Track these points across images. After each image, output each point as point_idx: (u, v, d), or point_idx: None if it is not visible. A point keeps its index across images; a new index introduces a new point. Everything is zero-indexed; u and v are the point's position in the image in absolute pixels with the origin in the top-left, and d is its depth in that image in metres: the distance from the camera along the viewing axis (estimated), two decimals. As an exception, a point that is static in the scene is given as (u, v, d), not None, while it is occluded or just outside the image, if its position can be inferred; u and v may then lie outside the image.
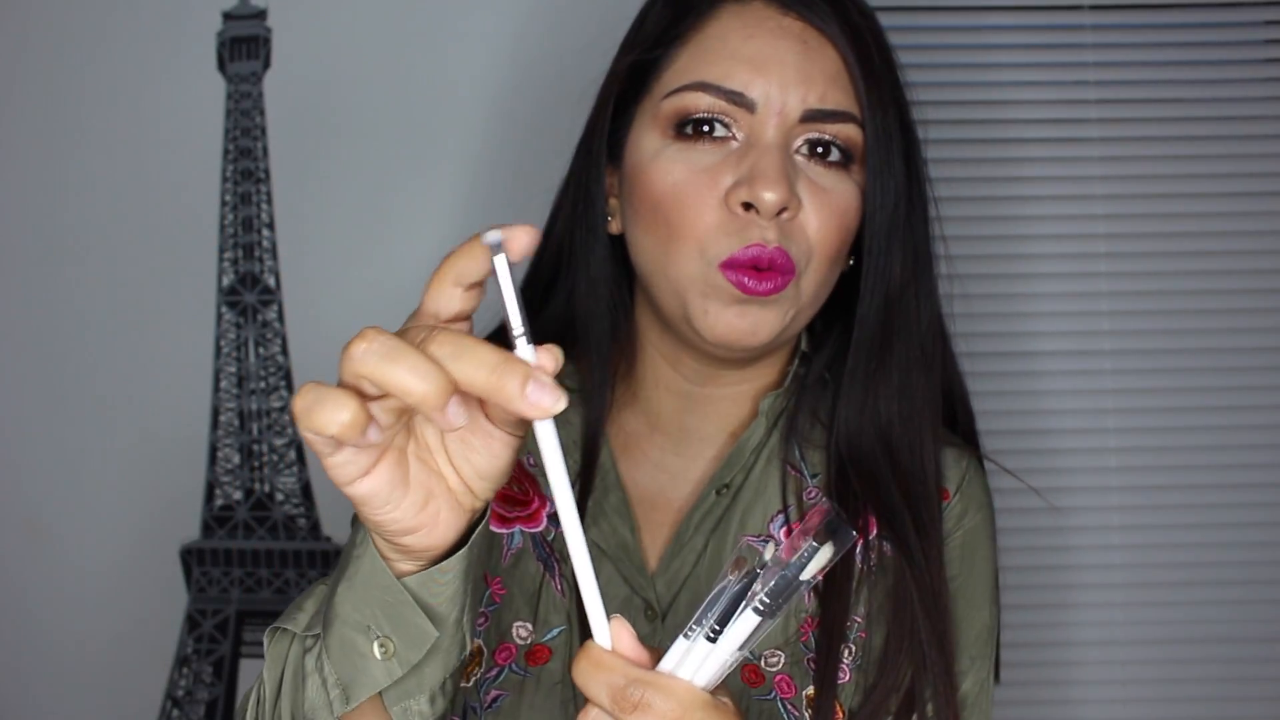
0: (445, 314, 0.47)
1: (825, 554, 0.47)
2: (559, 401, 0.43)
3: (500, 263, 0.44)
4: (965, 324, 0.85)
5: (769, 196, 0.67)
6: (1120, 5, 1.27)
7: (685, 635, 0.49)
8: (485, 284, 0.47)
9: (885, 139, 0.71)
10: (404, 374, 0.42)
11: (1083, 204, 1.28)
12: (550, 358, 0.45)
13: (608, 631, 0.49)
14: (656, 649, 0.50)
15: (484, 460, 0.49)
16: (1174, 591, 1.29)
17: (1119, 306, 1.28)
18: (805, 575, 0.47)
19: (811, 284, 0.71)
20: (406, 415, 0.47)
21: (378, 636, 0.52)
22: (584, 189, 0.77)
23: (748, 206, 0.68)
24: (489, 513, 0.53)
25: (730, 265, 0.69)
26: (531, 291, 0.83)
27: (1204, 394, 1.28)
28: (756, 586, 0.47)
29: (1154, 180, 1.28)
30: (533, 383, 0.42)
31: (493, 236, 0.44)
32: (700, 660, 0.48)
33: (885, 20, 0.77)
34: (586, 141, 0.78)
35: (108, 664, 1.24)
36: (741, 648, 0.48)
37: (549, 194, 0.85)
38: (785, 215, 0.68)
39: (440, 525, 0.49)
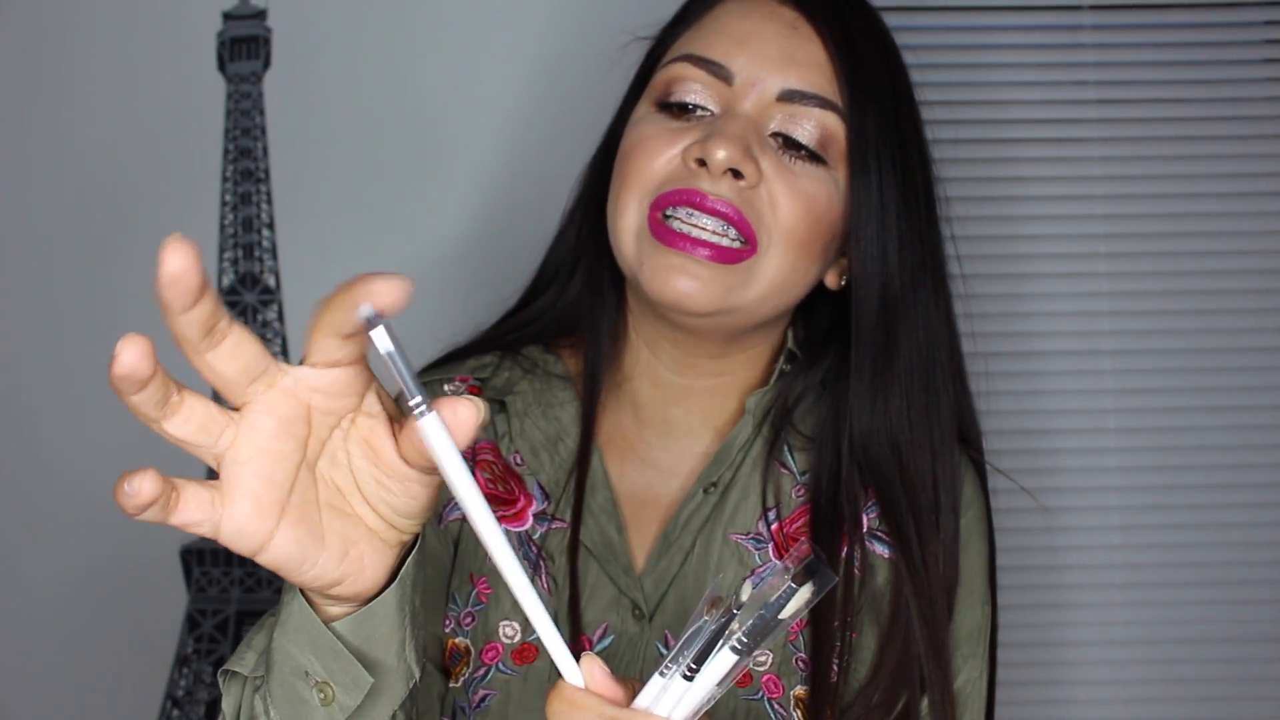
0: (323, 364, 0.43)
1: (804, 595, 0.46)
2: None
3: (379, 335, 0.40)
4: (965, 324, 0.85)
5: (720, 153, 0.67)
6: (1120, 5, 1.27)
7: (661, 673, 0.48)
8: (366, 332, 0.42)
9: (867, 135, 0.71)
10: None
11: (1083, 204, 1.28)
12: (472, 409, 0.42)
13: (578, 670, 0.48)
14: (630, 682, 0.49)
15: (402, 501, 0.46)
16: (1174, 591, 1.29)
17: (1119, 306, 1.28)
18: (784, 615, 0.46)
19: (774, 267, 0.70)
20: (302, 468, 0.45)
21: (315, 682, 0.50)
22: (597, 170, 0.80)
23: (701, 164, 0.69)
24: (419, 542, 0.50)
25: (656, 205, 0.69)
26: (544, 272, 0.84)
27: (1204, 394, 1.28)
28: (734, 626, 0.47)
29: (1154, 180, 1.28)
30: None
31: (365, 310, 0.40)
32: (677, 698, 0.48)
33: (885, 20, 0.77)
34: (610, 127, 0.81)
35: (108, 664, 1.24)
36: (719, 685, 0.48)
37: (549, 191, 0.85)
38: (744, 183, 0.68)
39: (366, 570, 0.47)
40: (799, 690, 0.72)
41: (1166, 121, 1.28)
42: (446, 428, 0.41)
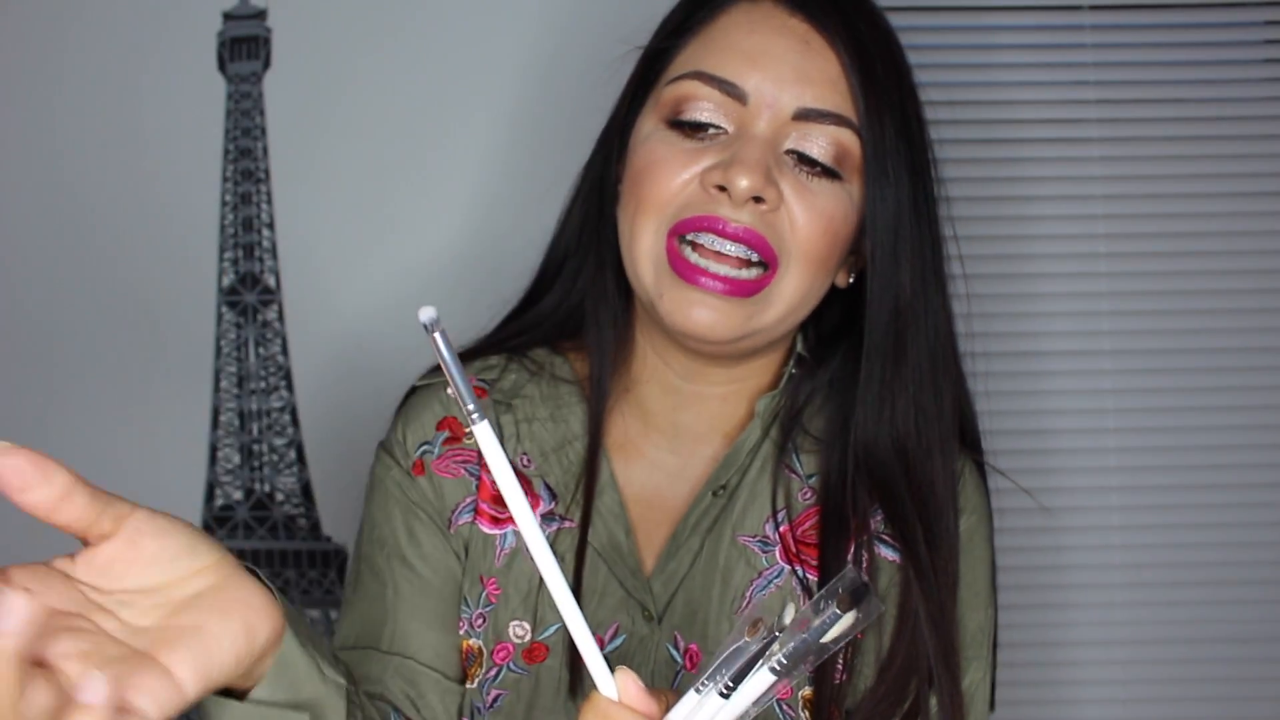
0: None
1: (848, 620, 0.46)
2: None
3: (440, 340, 0.41)
4: (966, 324, 0.85)
5: (743, 182, 0.67)
6: (1120, 5, 1.27)
7: (696, 690, 0.48)
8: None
9: (884, 148, 0.71)
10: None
11: (1083, 204, 1.28)
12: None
13: (613, 683, 0.48)
14: (663, 694, 0.49)
15: (154, 548, 0.44)
16: (1174, 591, 1.29)
17: (1119, 306, 1.28)
18: (826, 639, 0.46)
19: (793, 287, 0.71)
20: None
21: None
22: (596, 174, 0.79)
23: (721, 190, 0.68)
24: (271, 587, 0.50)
25: (675, 231, 0.69)
26: (543, 275, 0.84)
27: (1204, 394, 1.28)
28: (775, 647, 0.46)
29: (1154, 180, 1.28)
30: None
31: (427, 314, 0.41)
32: (712, 714, 0.48)
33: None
34: (607, 126, 0.80)
35: (108, 664, 1.24)
36: (755, 703, 0.48)
37: (548, 192, 0.85)
38: (764, 207, 0.68)
39: (256, 636, 0.46)
40: (806, 691, 0.72)
41: (1166, 121, 1.28)
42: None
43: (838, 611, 0.45)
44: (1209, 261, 1.28)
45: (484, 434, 0.43)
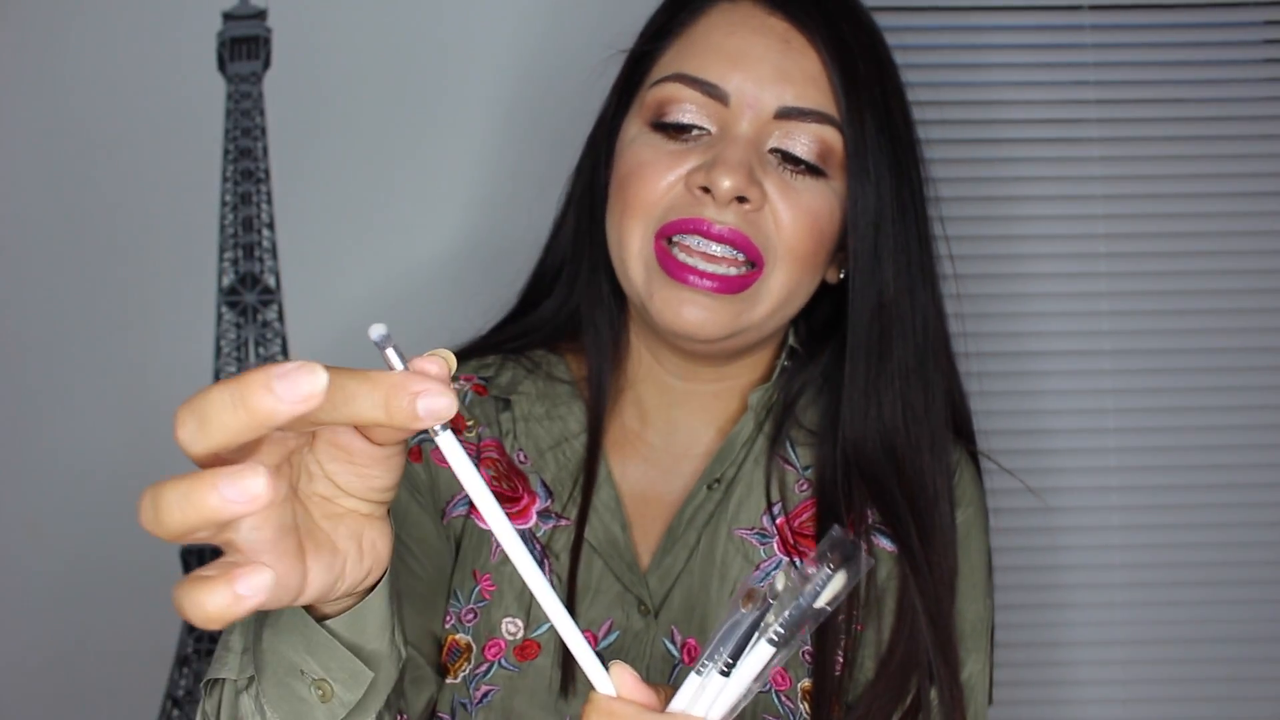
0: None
1: (839, 581, 0.46)
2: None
3: (391, 357, 0.41)
4: (964, 324, 0.85)
5: (725, 183, 0.67)
6: (1120, 5, 1.27)
7: (697, 672, 0.48)
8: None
9: (865, 145, 0.71)
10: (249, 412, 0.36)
11: (1083, 204, 1.28)
12: (437, 364, 0.41)
13: (608, 680, 0.48)
14: (663, 687, 0.49)
15: (385, 478, 0.45)
16: (1173, 591, 1.29)
17: (1119, 306, 1.28)
18: (819, 603, 0.46)
19: (780, 284, 0.71)
20: (294, 501, 0.43)
21: (312, 680, 0.50)
22: (587, 178, 0.80)
23: (705, 191, 0.69)
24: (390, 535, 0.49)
25: (662, 233, 0.70)
26: (539, 279, 0.84)
27: (1204, 394, 1.28)
28: (770, 617, 0.46)
29: (1154, 180, 1.28)
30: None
31: (377, 331, 0.41)
32: (715, 694, 0.48)
33: (884, 20, 0.77)
34: (595, 130, 0.80)
35: (108, 664, 1.24)
36: (757, 679, 0.47)
37: (548, 192, 0.85)
38: (748, 207, 0.69)
39: (382, 552, 0.47)
40: (806, 683, 0.73)
41: (1166, 121, 1.28)
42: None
43: (829, 570, 0.45)
44: (1209, 261, 1.29)
45: (448, 444, 0.43)
